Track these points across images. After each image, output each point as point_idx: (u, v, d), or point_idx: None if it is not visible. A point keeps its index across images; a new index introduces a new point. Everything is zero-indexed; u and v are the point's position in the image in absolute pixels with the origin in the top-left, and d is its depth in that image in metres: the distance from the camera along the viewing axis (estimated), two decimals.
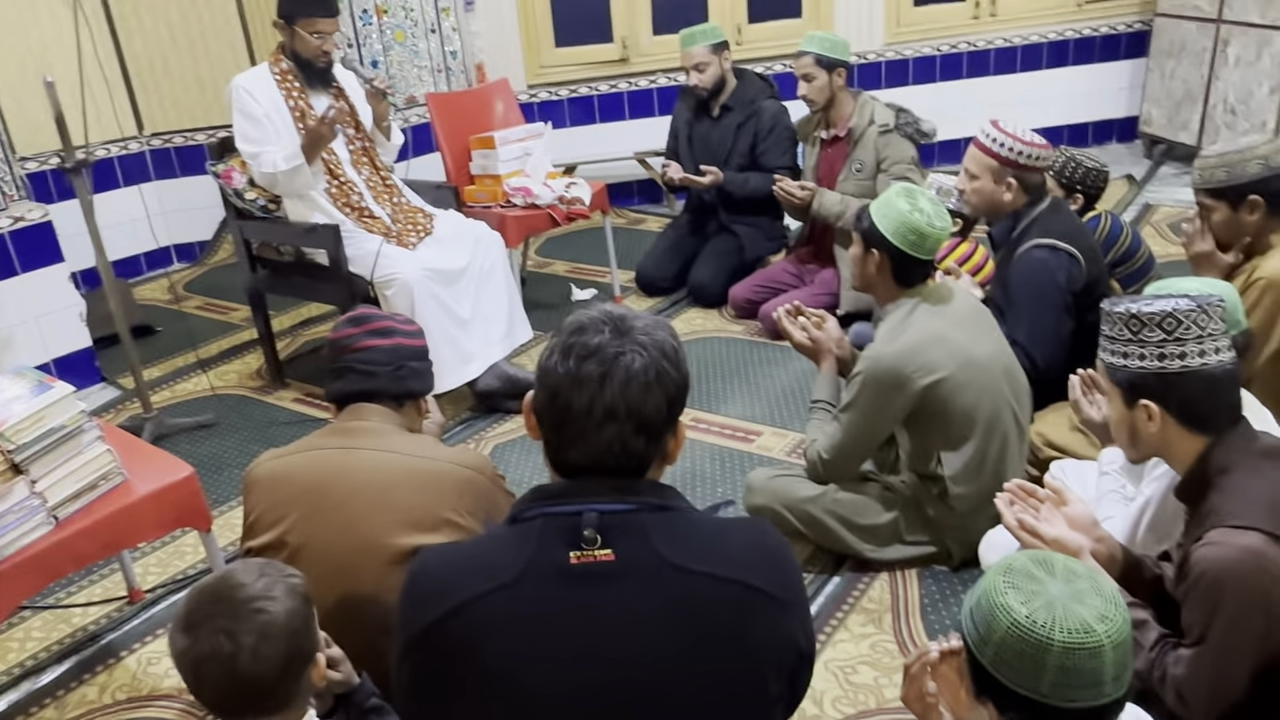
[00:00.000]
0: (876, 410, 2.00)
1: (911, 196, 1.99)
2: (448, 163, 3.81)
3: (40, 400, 1.67)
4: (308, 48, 2.98)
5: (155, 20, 4.55)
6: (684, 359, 1.12)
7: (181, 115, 4.67)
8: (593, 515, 1.05)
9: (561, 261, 4.44)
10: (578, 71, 5.05)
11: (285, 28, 3.00)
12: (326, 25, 2.96)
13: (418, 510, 1.49)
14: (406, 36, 4.70)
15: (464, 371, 2.97)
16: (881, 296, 2.07)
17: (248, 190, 3.12)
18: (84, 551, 1.72)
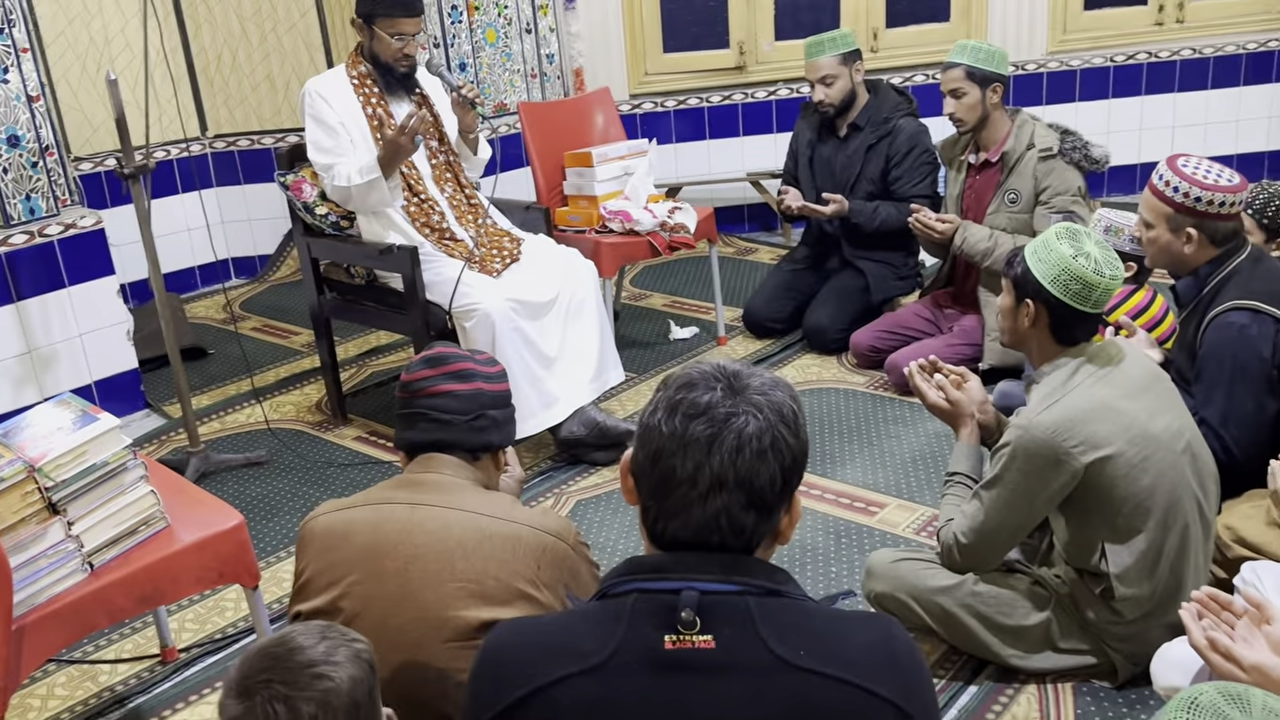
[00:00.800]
0: (1027, 490, 1.90)
1: (1076, 238, 1.91)
2: (539, 181, 3.85)
3: (83, 433, 1.71)
4: (388, 50, 3.04)
5: (226, 11, 4.74)
6: (804, 425, 1.12)
7: (249, 116, 4.84)
8: (692, 594, 1.04)
9: (660, 295, 4.46)
10: (687, 80, 5.13)
11: (364, 27, 3.07)
12: (409, 25, 3.01)
13: (489, 579, 1.49)
14: (499, 37, 4.83)
15: (547, 416, 2.98)
16: (1036, 355, 2.00)
17: (318, 204, 3.19)
18: (119, 605, 1.74)
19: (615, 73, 5.05)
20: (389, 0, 2.98)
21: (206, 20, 4.73)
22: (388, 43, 3.03)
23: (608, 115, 4.13)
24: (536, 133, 3.90)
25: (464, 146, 3.25)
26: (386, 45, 3.03)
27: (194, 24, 4.72)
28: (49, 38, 4.34)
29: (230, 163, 4.88)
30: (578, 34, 5.04)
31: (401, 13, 3.00)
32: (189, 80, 4.76)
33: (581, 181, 3.75)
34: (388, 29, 3.02)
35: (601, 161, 3.73)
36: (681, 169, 5.15)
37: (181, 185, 4.76)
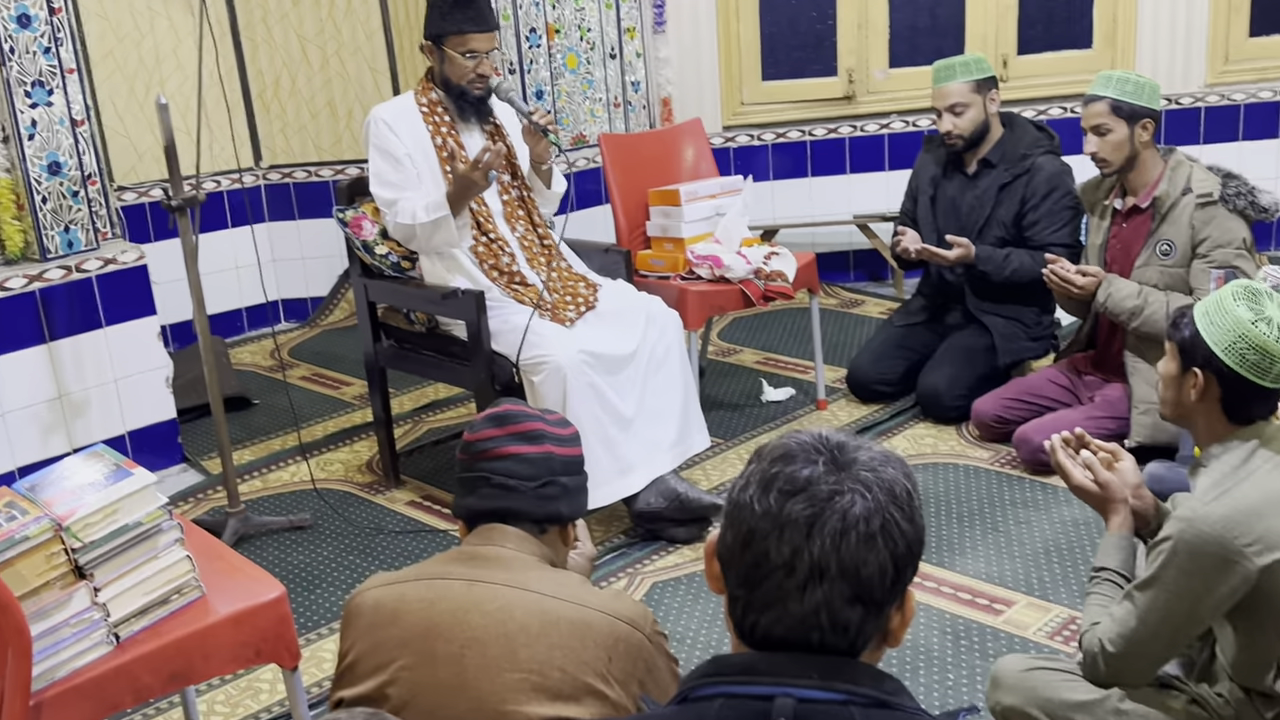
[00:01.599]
0: (1190, 593, 1.83)
1: (1256, 300, 1.85)
2: (619, 221, 3.89)
3: (115, 490, 1.75)
4: (459, 71, 3.10)
5: (286, 31, 4.91)
6: (919, 507, 1.11)
7: (306, 146, 4.99)
8: (788, 702, 1.03)
9: (752, 350, 4.47)
10: (788, 111, 5.18)
11: (433, 50, 3.13)
12: (481, 41, 3.08)
13: (554, 670, 1.48)
14: (580, 63, 4.94)
15: (622, 484, 2.98)
16: (1204, 434, 1.93)
17: (379, 243, 3.25)
18: (146, 683, 1.75)
19: (707, 102, 5.12)
20: (457, 15, 3.05)
21: (265, 41, 4.90)
22: (459, 63, 3.09)
23: (698, 149, 4.17)
24: (618, 167, 3.94)
25: (536, 179, 3.29)
26: (458, 66, 3.10)
27: (251, 45, 4.90)
28: (96, 57, 4.52)
29: (285, 196, 5.02)
30: (667, 60, 5.13)
31: (472, 27, 3.06)
32: (244, 106, 4.93)
33: (667, 222, 3.78)
34: (458, 47, 3.08)
35: (690, 200, 3.75)
36: (780, 210, 5.18)
37: (231, 219, 4.91)
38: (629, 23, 5.06)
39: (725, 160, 5.06)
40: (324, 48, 4.91)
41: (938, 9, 5.08)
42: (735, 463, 3.49)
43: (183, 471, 3.71)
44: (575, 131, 4.95)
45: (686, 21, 5.09)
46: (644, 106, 5.15)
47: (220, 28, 4.78)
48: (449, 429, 3.89)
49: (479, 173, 2.94)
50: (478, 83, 3.12)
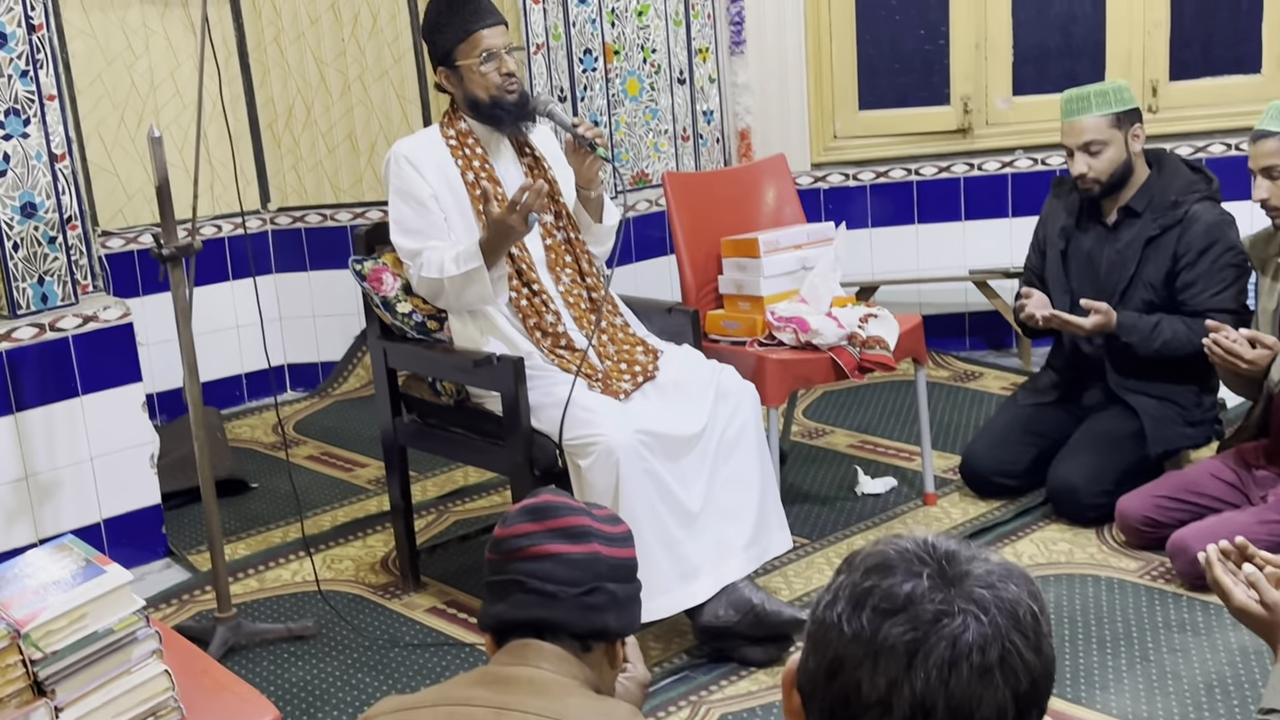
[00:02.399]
0: None
1: None
2: (686, 275, 3.91)
3: (85, 590, 1.76)
4: (483, 80, 3.18)
5: (301, 53, 5.02)
6: (1048, 633, 1.10)
7: (322, 186, 5.09)
8: None
9: (845, 432, 4.46)
10: (891, 146, 5.19)
11: (450, 75, 3.23)
12: (493, 37, 3.17)
13: None
14: (643, 88, 5.01)
15: (685, 593, 2.98)
16: None
17: (401, 300, 3.29)
18: None
19: (793, 135, 5.14)
20: (456, 21, 3.15)
21: (277, 64, 5.01)
22: (479, 73, 3.17)
23: (781, 190, 4.20)
24: (686, 211, 3.97)
25: (582, 211, 3.34)
26: (478, 75, 3.17)
27: (260, 68, 5.02)
28: (82, 83, 4.65)
29: (295, 244, 5.12)
30: (745, 86, 5.17)
31: (476, 23, 3.16)
32: (250, 139, 5.05)
33: (743, 277, 3.79)
34: (471, 54, 3.16)
35: (771, 251, 3.76)
36: (879, 263, 5.18)
37: (233, 270, 5.01)
38: (701, 42, 5.13)
39: (814, 204, 5.08)
40: (345, 72, 5.01)
41: (1072, 25, 5.10)
42: (823, 569, 3.47)
43: (166, 568, 3.73)
44: (635, 169, 5.02)
45: (770, 41, 5.13)
46: (717, 140, 5.21)
47: (225, 49, 4.91)
48: (479, 521, 3.89)
49: (517, 216, 2.97)
50: (509, 85, 3.19)
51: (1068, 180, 3.78)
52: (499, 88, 3.18)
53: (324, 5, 4.95)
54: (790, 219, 4.11)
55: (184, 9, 4.82)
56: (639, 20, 4.96)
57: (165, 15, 4.81)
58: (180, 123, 4.81)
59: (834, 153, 5.22)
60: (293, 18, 4.96)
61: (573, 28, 4.78)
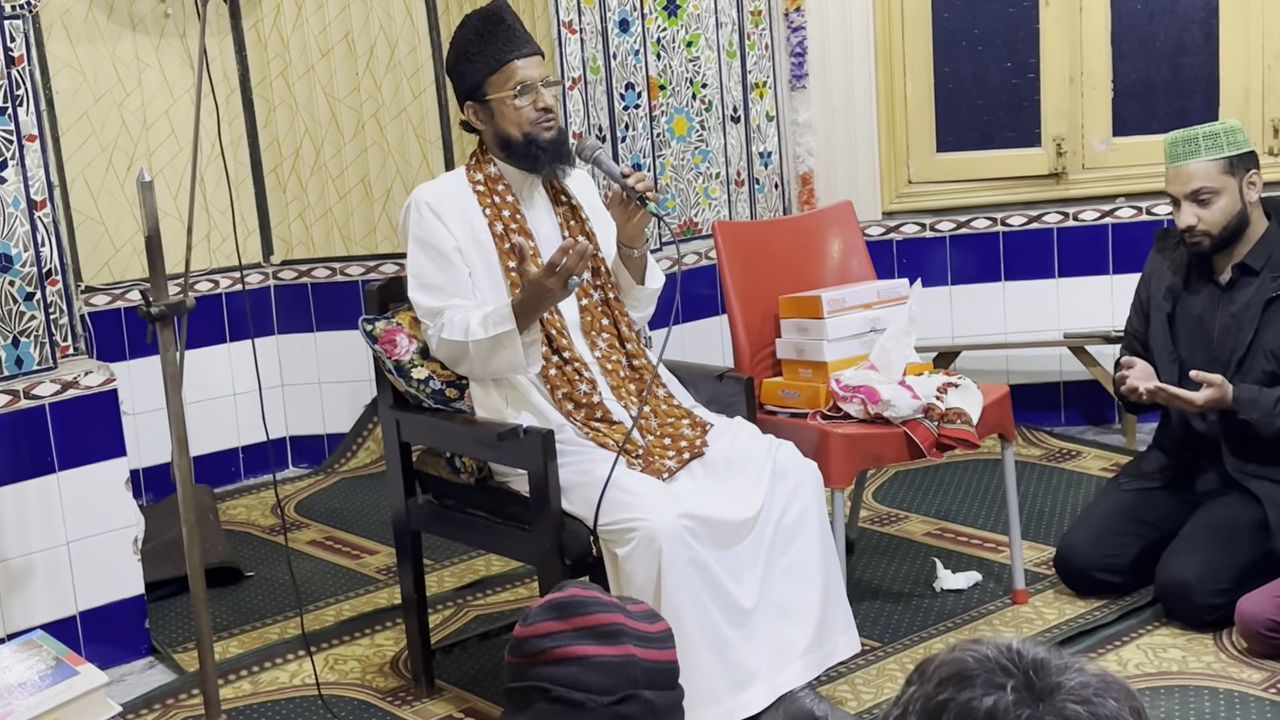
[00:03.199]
0: None
1: None
2: (739, 337, 3.91)
3: (54, 694, 1.74)
4: (517, 115, 3.22)
5: (310, 88, 5.09)
6: None
7: (331, 237, 5.15)
8: None
9: (921, 518, 4.44)
10: (973, 193, 5.21)
11: (478, 110, 3.27)
12: (528, 68, 3.22)
13: None
14: (691, 127, 5.04)
15: (736, 702, 2.94)
16: None
17: (416, 365, 3.30)
18: None
19: (862, 180, 5.16)
20: (487, 50, 3.18)
21: (284, 102, 5.09)
22: (512, 107, 3.20)
23: (848, 242, 4.21)
24: (740, 265, 3.98)
25: (623, 270, 3.36)
26: (512, 111, 3.21)
27: (265, 106, 5.09)
28: (66, 121, 4.72)
29: (300, 301, 5.17)
30: (808, 124, 5.21)
31: (511, 52, 3.19)
32: (252, 184, 5.12)
33: (804, 340, 3.80)
34: (504, 87, 3.20)
35: (836, 310, 3.77)
36: (961, 325, 5.19)
37: (230, 331, 5.05)
38: (758, 76, 5.17)
39: (885, 258, 5.09)
40: (359, 110, 5.07)
41: (1181, 58, 5.10)
42: (895, 677, 3.43)
43: (149, 668, 3.72)
44: (683, 217, 5.04)
45: (835, 74, 5.17)
46: (776, 185, 5.24)
47: (226, 84, 4.99)
48: (502, 618, 3.86)
49: (556, 279, 2.97)
50: (544, 121, 3.22)
51: (1174, 233, 3.76)
52: (534, 124, 3.21)
53: (336, 36, 5.03)
54: (858, 274, 4.13)
55: (181, 40, 4.91)
56: (688, 51, 4.99)
57: (160, 47, 4.90)
58: (175, 166, 4.88)
59: (908, 200, 5.24)
60: (302, 50, 5.04)
61: (613, 60, 4.83)
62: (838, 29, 5.14)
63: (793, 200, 5.22)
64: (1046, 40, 5.09)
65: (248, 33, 5.01)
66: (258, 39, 5.03)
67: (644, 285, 3.36)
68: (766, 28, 5.17)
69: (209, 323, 4.96)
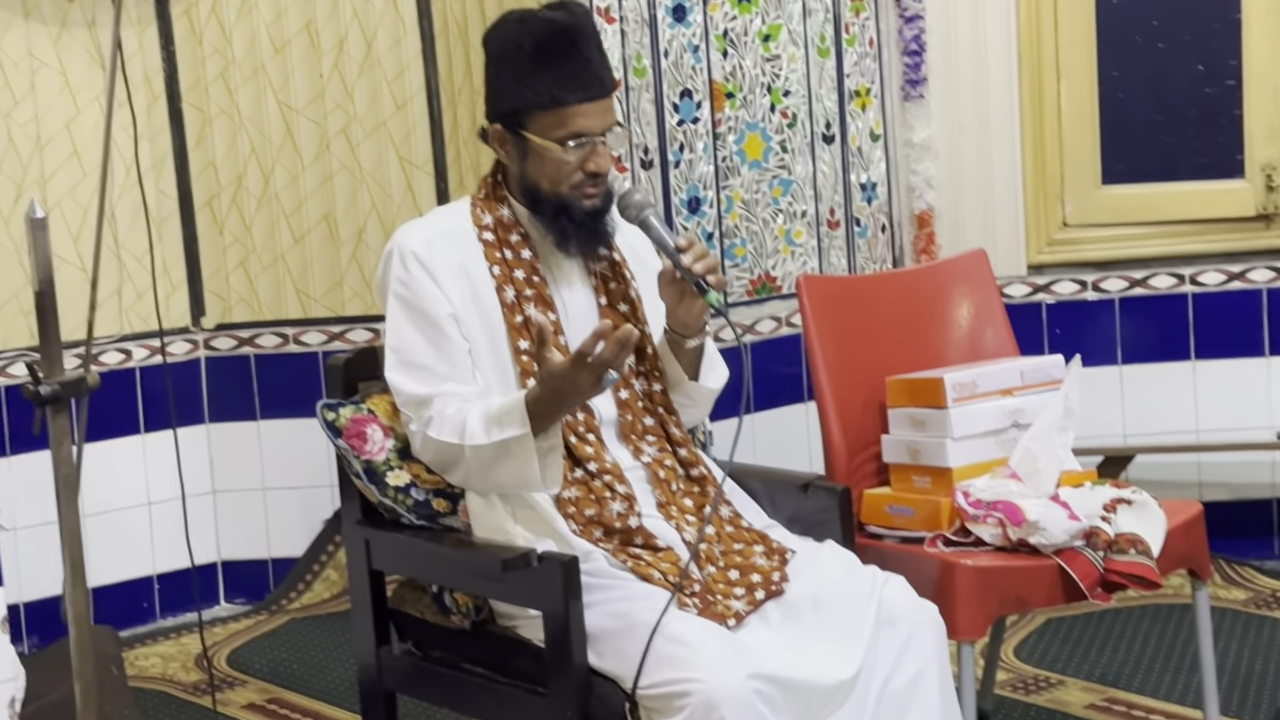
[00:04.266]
0: None
1: None
2: (832, 432, 3.85)
3: None
4: (556, 169, 3.16)
5: (258, 98, 5.05)
6: None
7: (282, 294, 5.06)
8: None
9: (1080, 683, 4.37)
10: (1152, 240, 5.22)
11: (509, 139, 3.22)
12: (592, 117, 3.16)
13: None
14: (768, 149, 5.00)
15: None
16: None
17: (394, 468, 3.28)
18: None
19: (1000, 222, 5.17)
20: (547, 75, 3.12)
21: (224, 112, 5.07)
22: (555, 156, 3.15)
23: (981, 305, 4.17)
24: (833, 335, 3.92)
25: (674, 362, 3.34)
26: (553, 161, 3.16)
27: (199, 118, 5.07)
28: None
29: (240, 379, 5.14)
30: (926, 146, 5.22)
31: (576, 92, 3.14)
32: (180, 222, 5.07)
33: (921, 438, 3.72)
34: (553, 130, 3.13)
35: (965, 398, 3.69)
36: (1135, 420, 5.17)
37: (146, 419, 4.99)
38: (860, 81, 5.17)
39: (1032, 327, 5.08)
40: (323, 123, 5.05)
41: None
42: None
43: None
44: (756, 272, 4.99)
45: (964, 79, 5.22)
46: (883, 228, 5.22)
47: (148, 89, 4.98)
48: None
49: (588, 372, 2.92)
50: (589, 188, 3.21)
51: None
52: (575, 187, 3.19)
53: (295, 26, 5.05)
54: (994, 349, 4.08)
55: (88, 31, 4.92)
56: (764, 48, 4.97)
57: (61, 40, 4.88)
58: (77, 198, 4.84)
59: (1063, 249, 5.20)
60: (249, 44, 5.05)
61: (664, 58, 4.78)
62: (968, 19, 5.14)
63: (905, 248, 5.22)
64: (1251, 35, 5.08)
65: (177, 22, 5.03)
66: (190, 30, 5.03)
67: (700, 384, 3.36)
68: (871, 17, 5.18)
69: (118, 406, 4.91)
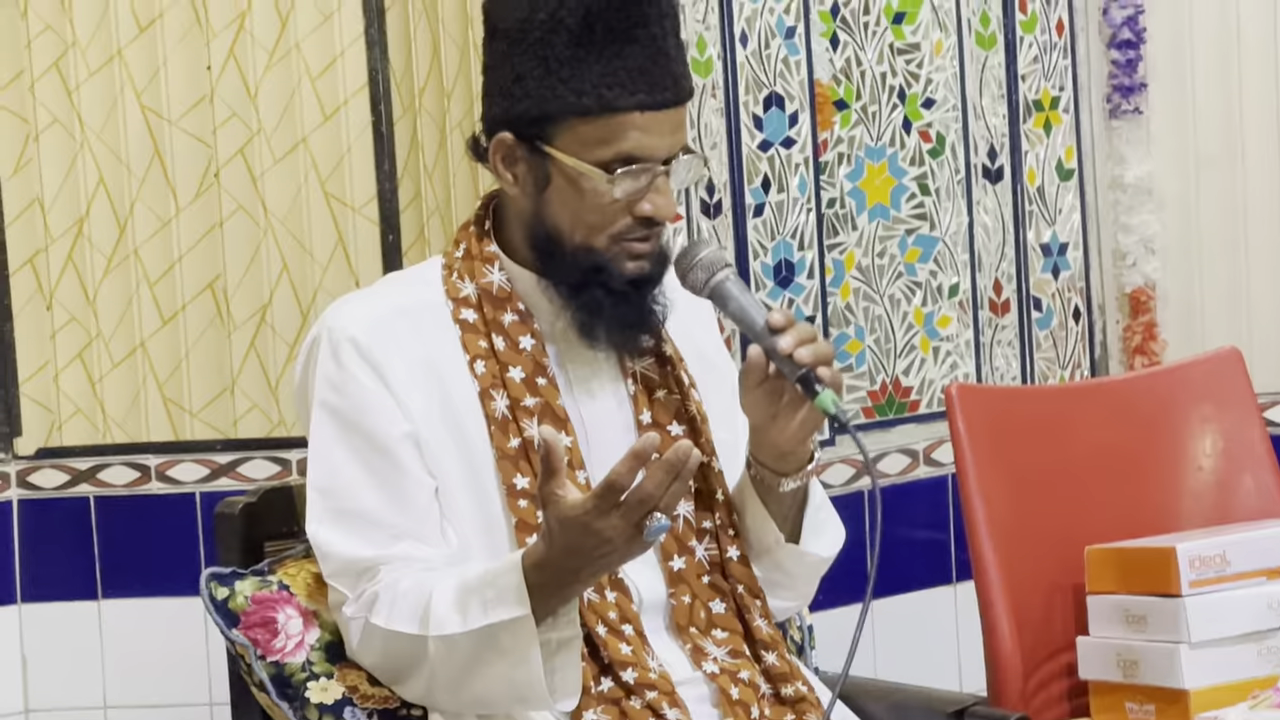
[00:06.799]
0: None
1: None
2: (998, 630, 3.96)
3: None
4: (591, 214, 3.19)
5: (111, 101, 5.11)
6: None
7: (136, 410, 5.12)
8: None
9: None
10: None
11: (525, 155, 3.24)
12: (653, 132, 3.18)
13: None
14: (898, 189, 5.13)
15: None
16: None
17: (318, 676, 3.31)
18: None
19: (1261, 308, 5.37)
20: (599, 69, 3.16)
21: (56, 122, 5.12)
22: (592, 187, 3.18)
23: (1233, 433, 4.29)
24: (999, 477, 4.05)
25: (762, 514, 3.36)
26: (590, 195, 3.18)
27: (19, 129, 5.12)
28: None
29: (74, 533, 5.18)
30: (1144, 188, 5.40)
31: (639, 94, 3.17)
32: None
33: (1140, 641, 3.80)
34: (598, 145, 3.16)
35: (1208, 579, 3.76)
36: None
37: None
38: (1043, 87, 5.32)
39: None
40: (210, 140, 5.10)
41: None
42: None
43: None
44: (878, 379, 5.13)
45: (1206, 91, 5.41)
46: (1076, 313, 5.38)
47: None
48: None
49: (621, 517, 2.92)
50: (638, 242, 3.26)
51: None
52: (618, 240, 3.23)
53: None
54: (1254, 504, 4.19)
55: None
56: (895, 32, 5.12)
57: None
58: None
59: None
60: (98, 18, 5.10)
61: (742, 46, 4.89)
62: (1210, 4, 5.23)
63: (1112, 345, 5.39)
64: None
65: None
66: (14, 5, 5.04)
67: (800, 545, 3.38)
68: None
69: None
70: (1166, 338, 5.17)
